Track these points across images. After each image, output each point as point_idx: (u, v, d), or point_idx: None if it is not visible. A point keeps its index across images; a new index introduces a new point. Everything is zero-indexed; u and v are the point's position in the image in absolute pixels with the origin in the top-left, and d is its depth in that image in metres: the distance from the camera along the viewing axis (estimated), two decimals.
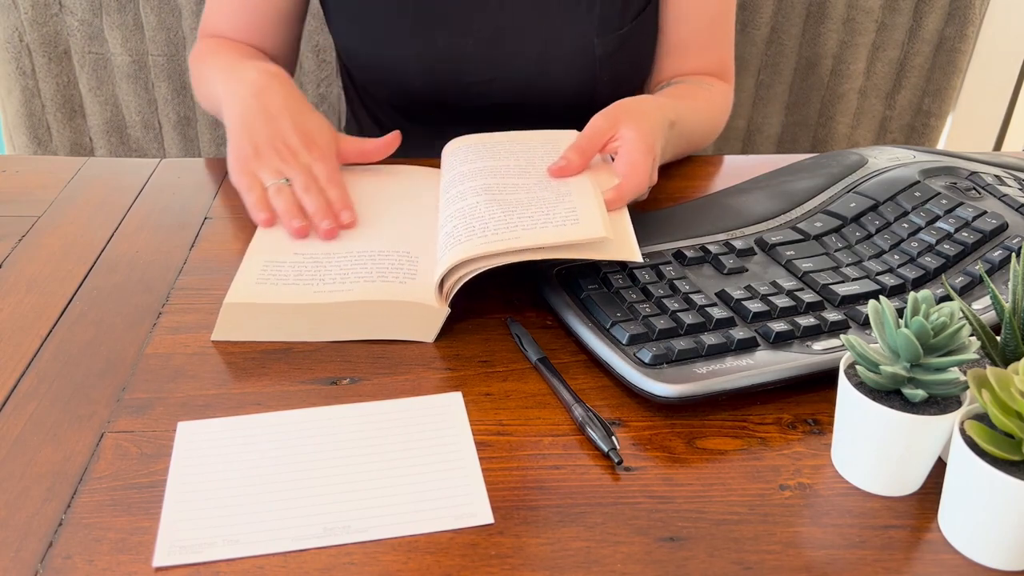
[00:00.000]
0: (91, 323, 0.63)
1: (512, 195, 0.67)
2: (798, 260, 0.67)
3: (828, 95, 1.44)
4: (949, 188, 0.75)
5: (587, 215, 0.64)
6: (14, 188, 0.81)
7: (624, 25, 0.88)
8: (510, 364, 0.60)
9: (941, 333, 0.48)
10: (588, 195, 0.66)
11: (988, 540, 0.46)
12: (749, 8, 1.36)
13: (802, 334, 0.60)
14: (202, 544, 0.46)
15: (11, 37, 1.28)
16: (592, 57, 0.88)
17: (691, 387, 0.55)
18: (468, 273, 0.61)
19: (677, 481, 0.51)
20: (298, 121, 0.75)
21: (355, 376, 0.59)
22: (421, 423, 0.55)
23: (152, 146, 1.39)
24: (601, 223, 0.63)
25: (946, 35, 1.39)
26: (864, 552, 0.47)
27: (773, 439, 0.55)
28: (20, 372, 0.58)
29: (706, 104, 0.89)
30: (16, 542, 0.46)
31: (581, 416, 0.54)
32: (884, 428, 0.49)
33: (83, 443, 0.53)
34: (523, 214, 0.64)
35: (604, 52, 0.88)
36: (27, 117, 1.34)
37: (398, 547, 0.47)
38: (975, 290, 0.65)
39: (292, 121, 0.75)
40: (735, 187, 0.78)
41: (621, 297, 0.62)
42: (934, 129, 1.47)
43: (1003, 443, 0.45)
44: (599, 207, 0.65)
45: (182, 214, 0.77)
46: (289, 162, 0.73)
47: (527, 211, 0.64)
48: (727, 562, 0.46)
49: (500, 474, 0.51)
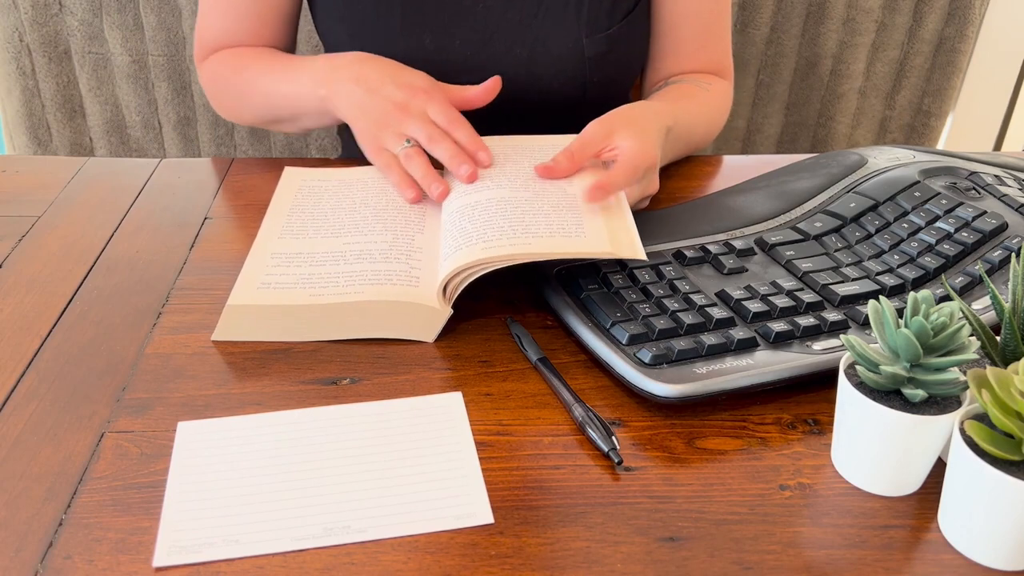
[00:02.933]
0: (91, 323, 0.63)
1: (517, 202, 0.67)
2: (798, 260, 0.67)
3: (828, 95, 1.44)
4: (949, 188, 0.75)
5: (593, 228, 0.64)
6: (14, 188, 0.81)
7: (613, 26, 0.87)
8: (510, 364, 0.60)
9: (941, 333, 0.48)
10: (594, 208, 0.67)
11: (988, 540, 0.46)
12: (749, 8, 1.36)
13: (802, 334, 0.60)
14: (202, 544, 0.46)
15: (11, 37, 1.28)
16: (581, 58, 0.88)
17: (691, 387, 0.55)
18: (471, 275, 0.61)
19: (677, 481, 0.51)
20: (398, 81, 0.76)
21: (355, 376, 0.59)
22: (421, 423, 0.55)
23: (152, 146, 1.39)
24: (607, 237, 0.63)
25: (946, 35, 1.39)
26: (864, 552, 0.47)
27: (773, 439, 0.55)
28: (20, 372, 0.58)
29: (705, 104, 0.89)
30: (16, 542, 0.46)
31: (581, 416, 0.54)
32: (884, 428, 0.49)
33: (83, 443, 0.53)
34: (530, 222, 0.64)
35: (593, 53, 0.88)
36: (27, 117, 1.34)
37: (398, 547, 0.47)
38: (975, 290, 0.65)
39: (393, 83, 0.76)
40: (735, 187, 0.78)
41: (621, 297, 0.62)
42: (934, 129, 1.47)
43: (1003, 443, 0.45)
44: (605, 219, 0.65)
45: (182, 214, 0.77)
46: (405, 120, 0.74)
47: (534, 219, 0.65)
48: (727, 562, 0.46)
49: (500, 474, 0.51)
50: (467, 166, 0.70)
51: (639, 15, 0.90)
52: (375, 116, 0.76)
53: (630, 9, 0.88)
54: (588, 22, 0.86)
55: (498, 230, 0.63)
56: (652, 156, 0.71)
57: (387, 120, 0.75)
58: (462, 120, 0.74)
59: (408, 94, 0.75)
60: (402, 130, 0.74)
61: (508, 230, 0.63)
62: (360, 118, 0.77)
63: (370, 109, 0.76)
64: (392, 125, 0.75)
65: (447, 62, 0.87)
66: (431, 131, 0.73)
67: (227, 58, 0.90)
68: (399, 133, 0.75)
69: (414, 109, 0.75)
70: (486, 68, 0.86)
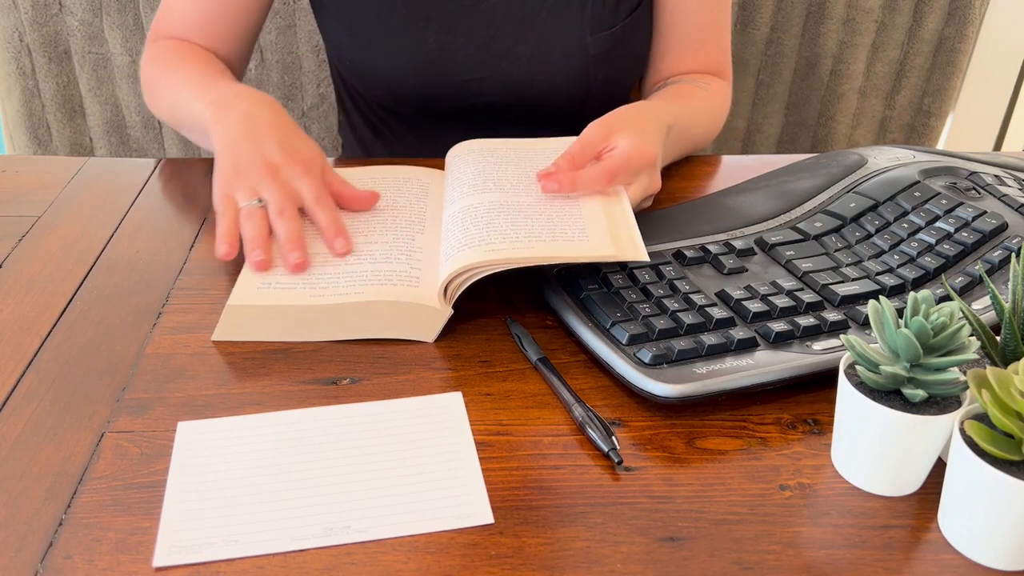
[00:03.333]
0: (91, 323, 0.63)
1: (520, 206, 0.67)
2: (798, 260, 0.67)
3: (828, 95, 1.44)
4: (949, 188, 0.75)
5: (597, 232, 0.64)
6: (14, 188, 0.81)
7: (617, 23, 0.87)
8: (510, 364, 0.60)
9: (941, 333, 0.48)
10: (596, 211, 0.67)
11: (988, 540, 0.46)
12: (749, 8, 1.36)
13: (802, 334, 0.60)
14: (202, 544, 0.46)
15: (11, 37, 1.28)
16: (585, 55, 0.88)
17: (691, 387, 0.55)
18: (472, 276, 0.61)
19: (677, 481, 0.51)
20: (285, 141, 0.72)
21: (355, 376, 0.59)
22: (421, 423, 0.55)
23: (152, 146, 1.39)
24: (610, 240, 0.63)
25: (946, 35, 1.39)
26: (864, 552, 0.47)
27: (773, 439, 0.55)
28: (20, 372, 0.58)
29: (704, 104, 0.89)
30: (16, 542, 0.46)
31: (581, 416, 0.54)
32: (884, 428, 0.49)
33: (83, 443, 0.53)
34: (533, 226, 0.64)
35: (597, 51, 0.88)
36: (27, 117, 1.34)
37: (398, 547, 0.47)
38: (975, 290, 0.65)
39: (278, 141, 0.71)
40: (735, 187, 0.78)
41: (621, 297, 0.62)
42: (934, 129, 1.47)
43: (1003, 443, 0.45)
44: (607, 223, 0.65)
45: (182, 214, 0.77)
46: (267, 180, 0.69)
47: (536, 223, 0.65)
48: (727, 562, 0.46)
49: (500, 474, 0.51)
50: (298, 254, 0.66)
51: (642, 13, 0.90)
52: (240, 163, 0.70)
53: (634, 7, 0.88)
54: (592, 19, 0.87)
55: (500, 233, 0.63)
56: (652, 154, 0.71)
57: (249, 172, 0.70)
58: (329, 203, 0.70)
59: (285, 159, 0.70)
60: (258, 188, 0.69)
61: (511, 233, 0.63)
62: (226, 157, 0.71)
63: (239, 154, 0.71)
64: (251, 180, 0.69)
65: (451, 60, 0.87)
66: (284, 204, 0.68)
67: (166, 50, 0.88)
68: (253, 190, 0.69)
69: (282, 175, 0.70)
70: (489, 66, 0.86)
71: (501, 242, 0.62)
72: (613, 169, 0.69)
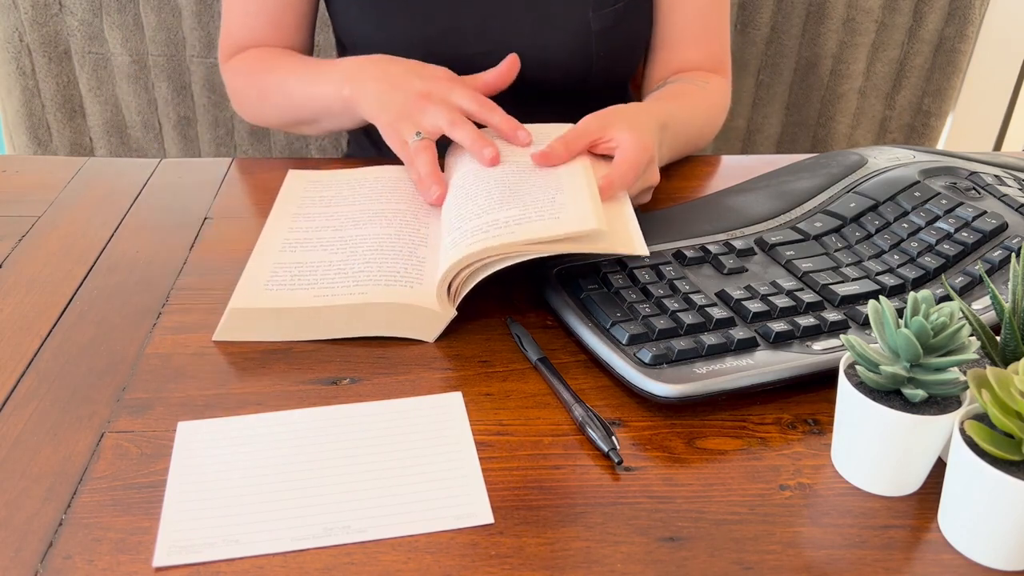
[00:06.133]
0: (91, 323, 0.63)
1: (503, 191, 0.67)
2: (798, 260, 0.67)
3: (828, 95, 1.44)
4: (949, 188, 0.75)
5: (577, 208, 0.63)
6: (14, 188, 0.81)
7: (619, 1, 0.88)
8: (510, 364, 0.60)
9: (941, 333, 0.48)
10: (580, 188, 0.66)
11: (988, 540, 0.46)
12: (749, 8, 1.36)
13: (802, 334, 0.60)
14: (202, 544, 0.46)
15: (11, 37, 1.28)
16: (588, 31, 0.88)
17: (691, 387, 0.55)
18: (474, 273, 0.61)
19: (677, 481, 0.51)
20: (422, 74, 0.77)
21: (355, 376, 0.59)
22: (421, 423, 0.55)
23: (152, 146, 1.39)
24: (592, 214, 0.62)
25: (946, 35, 1.39)
26: (864, 552, 0.47)
27: (773, 439, 0.55)
28: (20, 372, 0.58)
29: (702, 102, 0.89)
30: (16, 542, 0.46)
31: (581, 416, 0.54)
32: (884, 428, 0.49)
33: (83, 443, 0.53)
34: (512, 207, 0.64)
35: (600, 27, 0.88)
36: (27, 117, 1.34)
37: (398, 547, 0.47)
38: (975, 290, 0.65)
39: (416, 75, 0.76)
40: (735, 187, 0.78)
41: (621, 297, 0.62)
42: (934, 129, 1.47)
43: (1003, 443, 0.45)
44: (592, 199, 0.64)
45: (182, 214, 0.77)
46: (427, 108, 0.74)
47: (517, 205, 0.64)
48: (727, 562, 0.46)
49: (500, 474, 0.51)
50: (489, 149, 0.70)
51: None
52: (396, 108, 0.75)
53: None
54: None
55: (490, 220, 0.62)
56: (650, 149, 0.72)
57: (408, 110, 0.75)
58: (492, 104, 0.74)
59: (431, 84, 0.75)
60: (421, 119, 0.74)
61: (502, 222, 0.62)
62: (382, 113, 0.76)
63: (392, 103, 0.76)
64: (412, 115, 0.74)
65: (457, 36, 0.88)
66: (452, 116, 0.73)
67: (251, 58, 0.91)
68: (416, 123, 0.74)
69: (436, 96, 0.74)
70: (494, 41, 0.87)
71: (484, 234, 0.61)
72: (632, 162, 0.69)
